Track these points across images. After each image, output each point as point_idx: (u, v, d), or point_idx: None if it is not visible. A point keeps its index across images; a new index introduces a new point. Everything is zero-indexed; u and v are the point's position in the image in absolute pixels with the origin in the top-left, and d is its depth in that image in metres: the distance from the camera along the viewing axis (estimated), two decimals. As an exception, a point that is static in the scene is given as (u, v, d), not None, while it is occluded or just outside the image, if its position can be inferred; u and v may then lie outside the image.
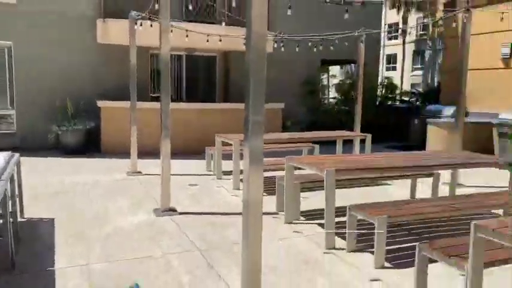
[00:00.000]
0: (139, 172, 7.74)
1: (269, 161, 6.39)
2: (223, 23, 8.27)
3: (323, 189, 4.34)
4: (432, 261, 3.27)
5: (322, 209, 4.42)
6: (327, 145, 8.44)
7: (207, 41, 8.56)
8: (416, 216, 4.10)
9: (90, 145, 9.81)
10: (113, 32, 9.99)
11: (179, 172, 7.44)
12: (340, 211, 4.44)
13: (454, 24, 8.15)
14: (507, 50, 10.72)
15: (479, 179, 7.25)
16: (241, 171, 6.71)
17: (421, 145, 10.66)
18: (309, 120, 12.45)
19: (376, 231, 3.83)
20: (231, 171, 7.06)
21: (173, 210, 5.37)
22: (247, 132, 2.76)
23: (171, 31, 5.50)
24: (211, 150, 8.12)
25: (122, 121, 9.13)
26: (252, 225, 2.82)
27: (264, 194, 5.52)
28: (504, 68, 10.87)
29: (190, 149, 9.14)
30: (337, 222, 4.36)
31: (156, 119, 5.69)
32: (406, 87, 30.55)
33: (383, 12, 17.58)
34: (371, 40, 11.26)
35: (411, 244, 4.16)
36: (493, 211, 5.02)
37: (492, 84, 10.97)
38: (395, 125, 13.05)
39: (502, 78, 10.86)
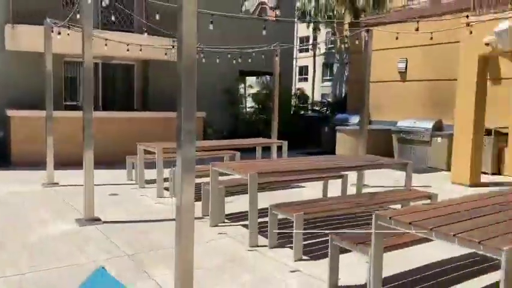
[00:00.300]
0: (56, 183, 7.50)
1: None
2: (146, 33, 8.33)
3: (244, 193, 4.68)
4: (343, 251, 3.75)
5: (244, 212, 4.76)
6: (247, 152, 8.85)
7: (127, 50, 8.56)
8: (328, 212, 4.60)
9: (-2, 156, 9.25)
10: (24, 38, 9.54)
11: (99, 182, 7.31)
12: (261, 212, 4.81)
13: (357, 42, 9.02)
14: (403, 65, 12.02)
15: (382, 180, 8.11)
16: (165, 179, 6.93)
17: (331, 151, 11.52)
18: (229, 128, 12.83)
19: (294, 229, 4.24)
20: (153, 179, 7.16)
21: (97, 219, 5.37)
22: (180, 140, 2.98)
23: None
24: (132, 159, 8.11)
25: (34, 131, 8.75)
26: (185, 228, 3.04)
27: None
28: (401, 81, 12.17)
29: (108, 158, 9.00)
30: (259, 222, 4.72)
31: (70, 128, 5.61)
32: (317, 97, 32.40)
33: (295, 27, 18.58)
34: (285, 53, 12.00)
35: (326, 238, 4.64)
36: (391, 206, 5.72)
37: (391, 95, 12.21)
38: (308, 132, 13.92)
39: (399, 90, 12.14)
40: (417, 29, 6.69)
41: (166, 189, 7.00)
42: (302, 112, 15.88)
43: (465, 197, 3.80)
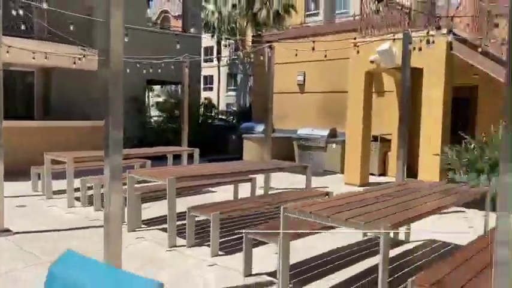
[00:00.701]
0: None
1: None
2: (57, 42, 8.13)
3: (158, 199, 4.95)
4: (255, 246, 4.24)
5: (160, 216, 5.02)
6: (157, 160, 9.02)
7: (33, 58, 8.28)
8: (241, 211, 5.08)
9: None
10: None
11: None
12: (177, 216, 5.12)
13: (261, 57, 9.73)
14: (301, 78, 13.09)
15: (285, 183, 8.83)
16: (76, 189, 6.88)
17: (239, 157, 12.10)
18: (138, 137, 12.79)
19: (212, 228, 4.64)
20: (60, 190, 7.07)
21: (7, 230, 5.23)
22: (108, 149, 3.19)
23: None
24: (37, 170, 7.84)
25: None
26: (113, 235, 3.14)
27: (101, 208, 5.87)
28: (300, 93, 13.21)
29: (8, 169, 8.54)
30: (176, 225, 5.03)
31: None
32: (222, 106, 33.13)
33: (201, 39, 19.01)
34: (193, 64, 12.35)
35: (240, 235, 5.11)
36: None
37: (292, 106, 13.19)
38: (216, 141, 14.39)
39: (298, 100, 13.17)
40: (313, 48, 7.51)
41: (77, 199, 6.94)
42: (210, 121, 16.32)
43: (352, 192, 4.52)
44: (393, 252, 4.74)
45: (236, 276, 4.14)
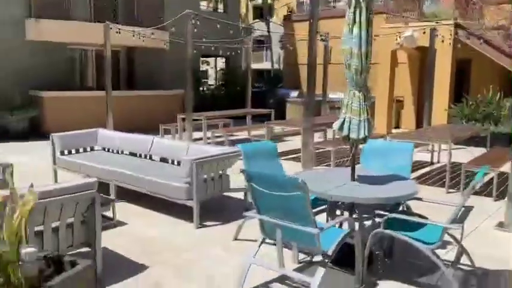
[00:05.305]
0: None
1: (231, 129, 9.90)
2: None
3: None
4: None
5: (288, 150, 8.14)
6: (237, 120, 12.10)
7: (143, 40, 10.86)
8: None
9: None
10: (46, 30, 11.37)
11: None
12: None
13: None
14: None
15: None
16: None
17: (282, 118, 15.18)
18: (195, 103, 15.67)
19: (331, 156, 7.86)
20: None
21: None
22: (307, 111, 6.32)
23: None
24: (165, 126, 10.80)
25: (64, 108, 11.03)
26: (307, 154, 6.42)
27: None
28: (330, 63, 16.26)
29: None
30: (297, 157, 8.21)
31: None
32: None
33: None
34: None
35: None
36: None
37: (320, 74, 16.23)
38: (257, 104, 17.36)
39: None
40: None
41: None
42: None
43: (411, 130, 7.75)
44: (436, 165, 8.04)
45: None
